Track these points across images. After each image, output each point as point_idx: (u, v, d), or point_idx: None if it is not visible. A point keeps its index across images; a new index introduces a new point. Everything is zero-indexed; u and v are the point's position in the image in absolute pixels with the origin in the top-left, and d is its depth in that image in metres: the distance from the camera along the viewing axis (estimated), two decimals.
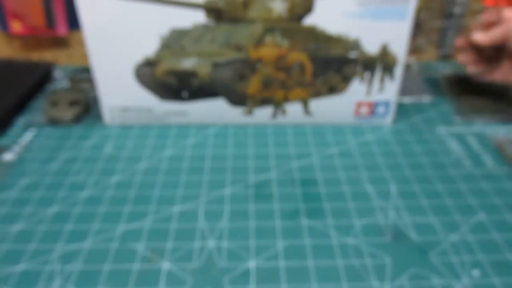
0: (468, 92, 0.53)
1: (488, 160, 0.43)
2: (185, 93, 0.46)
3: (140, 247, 0.33)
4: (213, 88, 0.45)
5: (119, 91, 0.46)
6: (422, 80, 0.57)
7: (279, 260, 0.32)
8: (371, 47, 0.43)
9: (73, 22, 0.63)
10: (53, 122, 0.48)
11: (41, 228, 0.35)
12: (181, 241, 0.34)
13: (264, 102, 0.46)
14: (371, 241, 0.34)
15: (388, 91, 0.46)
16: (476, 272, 0.31)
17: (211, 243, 0.33)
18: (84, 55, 0.67)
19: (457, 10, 0.59)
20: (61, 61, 0.66)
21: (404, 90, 0.53)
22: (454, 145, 0.45)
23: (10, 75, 0.55)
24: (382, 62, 0.44)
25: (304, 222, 0.35)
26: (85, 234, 0.34)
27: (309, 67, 0.44)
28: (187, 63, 0.44)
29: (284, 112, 0.47)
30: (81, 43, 0.66)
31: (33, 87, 0.53)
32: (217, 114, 0.47)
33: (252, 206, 0.37)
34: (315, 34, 0.43)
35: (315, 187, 0.39)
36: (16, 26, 0.61)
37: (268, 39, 0.43)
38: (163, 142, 0.45)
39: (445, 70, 0.60)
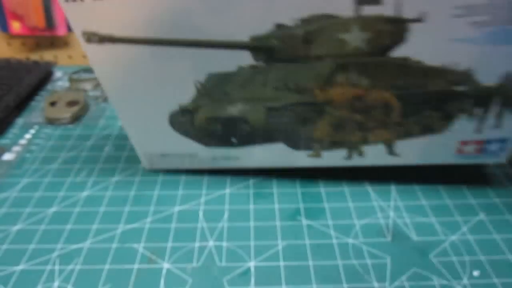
0: None
1: None
2: (234, 139, 0.38)
3: (140, 247, 0.33)
4: (269, 133, 0.37)
5: (154, 138, 0.39)
6: None
7: (279, 260, 0.32)
8: (488, 78, 0.32)
9: None
10: (52, 122, 0.48)
11: (41, 228, 0.35)
12: (181, 241, 0.34)
13: (335, 144, 0.37)
14: (371, 241, 0.34)
15: (507, 126, 0.35)
16: (476, 272, 0.31)
17: (211, 243, 0.33)
18: (83, 55, 0.67)
19: None
20: (61, 61, 0.66)
21: None
22: None
23: (10, 75, 0.55)
24: (502, 95, 0.33)
25: (304, 222, 0.35)
26: (85, 234, 0.34)
27: (397, 107, 0.34)
28: (233, 110, 0.36)
29: (361, 153, 0.38)
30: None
31: (33, 87, 0.53)
32: (277, 158, 0.39)
33: (252, 206, 0.37)
34: (407, 68, 0.32)
35: (315, 187, 0.39)
36: (16, 27, 0.61)
37: (341, 78, 0.33)
38: None
39: None
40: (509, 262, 0.32)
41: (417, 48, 0.31)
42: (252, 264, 0.32)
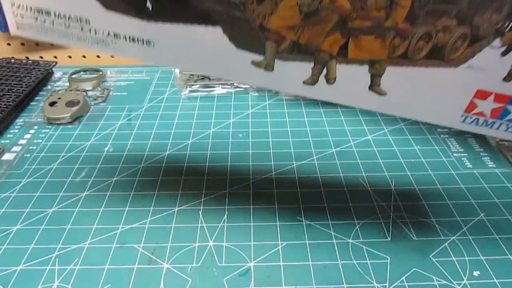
0: None
1: (488, 160, 0.43)
2: (150, 3, 0.24)
3: (140, 247, 0.33)
4: (205, 7, 0.24)
5: None
6: None
7: (279, 260, 0.32)
8: None
9: None
10: (51, 122, 0.48)
11: (41, 228, 0.35)
12: (181, 241, 0.34)
13: (298, 50, 0.24)
14: (371, 241, 0.34)
15: None
16: (476, 272, 0.31)
17: (211, 243, 0.33)
18: (83, 55, 0.67)
19: None
20: (61, 61, 0.66)
21: None
22: (454, 145, 0.45)
23: (10, 75, 0.55)
24: None
25: (304, 222, 0.35)
26: (85, 234, 0.34)
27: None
28: None
29: (332, 78, 0.24)
30: None
31: (33, 87, 0.53)
32: (209, 57, 0.25)
33: (252, 206, 0.37)
34: None
35: (315, 187, 0.39)
36: None
37: None
38: (164, 143, 0.45)
39: None
40: (509, 262, 0.32)
41: None
42: (252, 264, 0.32)
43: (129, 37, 0.25)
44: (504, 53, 0.21)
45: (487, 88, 0.23)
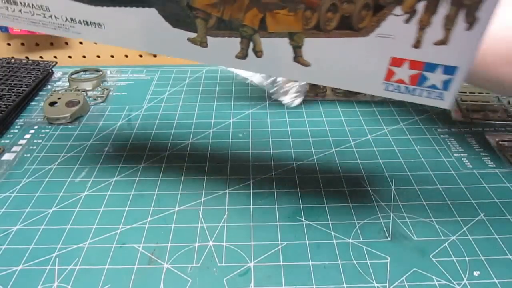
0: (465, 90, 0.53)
1: (488, 160, 0.43)
2: None
3: (140, 247, 0.33)
4: None
5: None
6: None
7: (279, 260, 0.32)
8: None
9: None
10: (52, 122, 0.48)
11: (41, 228, 0.35)
12: (181, 241, 0.34)
13: (223, 26, 0.26)
14: (371, 241, 0.34)
15: (459, 44, 0.22)
16: (476, 272, 0.31)
17: (211, 243, 0.33)
18: (83, 55, 0.67)
19: None
20: (61, 61, 0.66)
21: None
22: (454, 145, 0.45)
23: (10, 75, 0.55)
24: None
25: (304, 222, 0.35)
26: (85, 234, 0.34)
27: None
28: None
29: (259, 51, 0.27)
30: (81, 43, 0.66)
31: (33, 87, 0.53)
32: (150, 36, 0.28)
33: (252, 206, 0.37)
34: None
35: (315, 187, 0.39)
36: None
37: None
38: (164, 143, 0.45)
39: None
40: (509, 262, 0.32)
41: None
42: (252, 264, 0.32)
43: (83, 21, 0.29)
44: (407, 20, 0.22)
45: (400, 55, 0.24)
